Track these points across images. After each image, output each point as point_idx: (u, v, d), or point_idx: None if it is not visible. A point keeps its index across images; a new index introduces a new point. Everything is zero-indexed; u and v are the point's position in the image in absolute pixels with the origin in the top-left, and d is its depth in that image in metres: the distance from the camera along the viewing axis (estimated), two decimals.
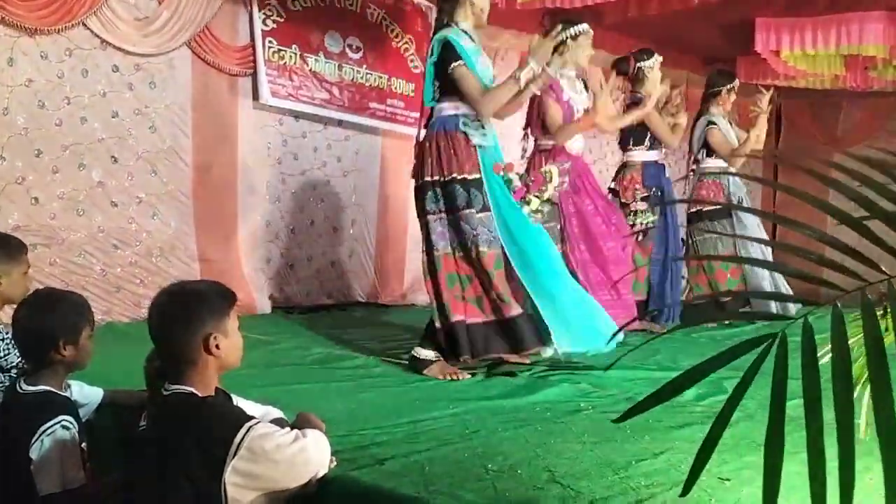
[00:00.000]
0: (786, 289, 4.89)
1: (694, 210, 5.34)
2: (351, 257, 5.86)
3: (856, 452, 0.57)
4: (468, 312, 3.16)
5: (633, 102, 4.73)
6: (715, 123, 5.18)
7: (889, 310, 0.63)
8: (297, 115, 5.43)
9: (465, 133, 3.19)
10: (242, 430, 1.59)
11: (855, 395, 0.73)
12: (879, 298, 0.62)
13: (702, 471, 0.67)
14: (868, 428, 0.57)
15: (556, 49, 3.44)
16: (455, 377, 3.07)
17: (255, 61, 5.05)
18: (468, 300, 3.18)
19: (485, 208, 3.15)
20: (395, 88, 5.89)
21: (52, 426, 1.90)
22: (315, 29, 5.37)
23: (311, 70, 5.35)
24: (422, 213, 3.27)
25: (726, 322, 4.76)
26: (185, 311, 1.67)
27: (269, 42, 5.10)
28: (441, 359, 3.17)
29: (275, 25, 5.13)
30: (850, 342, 0.61)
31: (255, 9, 5.01)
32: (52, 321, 1.97)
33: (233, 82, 5.05)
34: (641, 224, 4.72)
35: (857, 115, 9.04)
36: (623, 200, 4.81)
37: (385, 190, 6.02)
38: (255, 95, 5.12)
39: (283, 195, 5.43)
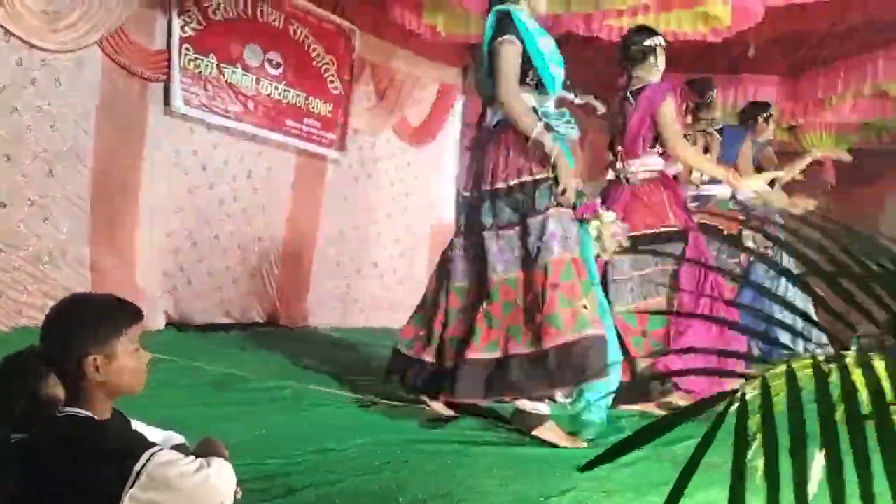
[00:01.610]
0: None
1: None
2: (254, 276, 5.70)
3: None
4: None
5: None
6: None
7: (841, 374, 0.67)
8: (210, 126, 5.27)
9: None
10: (143, 458, 1.50)
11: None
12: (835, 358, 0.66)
13: None
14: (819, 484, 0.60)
15: None
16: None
17: (169, 67, 4.88)
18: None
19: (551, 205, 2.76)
20: (313, 108, 5.83)
21: None
22: (235, 40, 5.26)
23: (227, 81, 5.22)
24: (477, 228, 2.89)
25: None
26: (65, 328, 1.56)
27: (186, 49, 4.95)
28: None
29: (193, 33, 4.98)
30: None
31: (175, 14, 4.85)
32: None
33: (144, 87, 4.85)
34: None
35: None
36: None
37: (295, 209, 5.91)
38: (167, 102, 4.94)
39: (187, 207, 5.24)
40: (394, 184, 6.67)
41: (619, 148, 3.64)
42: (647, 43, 3.54)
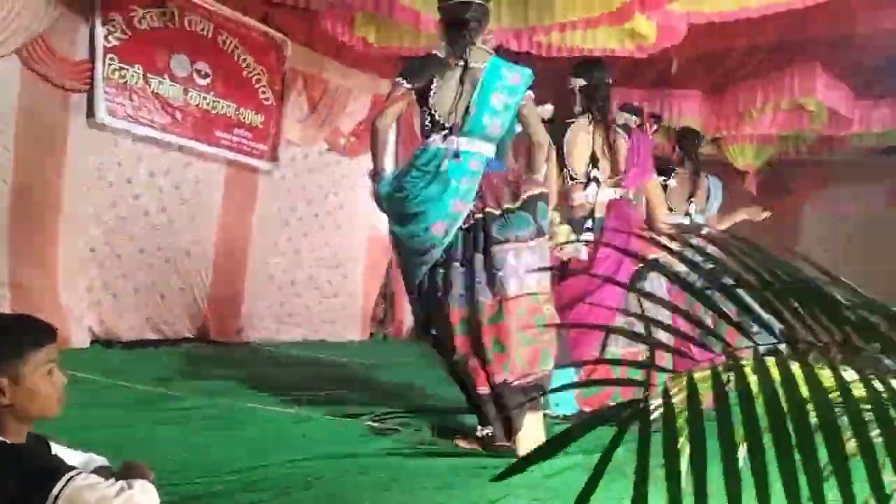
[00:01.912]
0: None
1: None
2: (183, 290, 5.57)
3: None
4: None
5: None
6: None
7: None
8: (135, 138, 5.14)
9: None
10: (61, 482, 1.45)
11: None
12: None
13: None
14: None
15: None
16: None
17: (92, 78, 4.74)
18: None
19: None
20: (244, 119, 5.74)
21: None
22: (162, 50, 5.14)
23: (154, 92, 5.10)
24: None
25: None
26: None
27: (111, 59, 4.82)
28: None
29: (118, 42, 4.85)
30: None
31: (98, 23, 4.72)
32: None
33: (66, 98, 4.70)
34: None
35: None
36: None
37: (225, 222, 5.81)
38: (91, 114, 4.79)
39: (112, 220, 5.08)
40: (328, 195, 6.63)
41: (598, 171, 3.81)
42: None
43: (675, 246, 0.98)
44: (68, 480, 1.46)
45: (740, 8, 4.37)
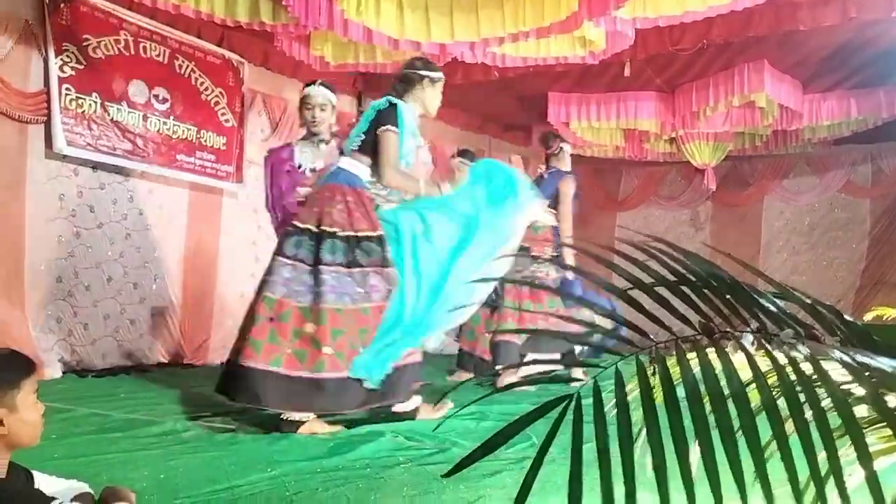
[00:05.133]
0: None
1: None
2: (154, 315, 5.56)
3: (643, 486, 0.70)
4: None
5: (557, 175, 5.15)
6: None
7: (656, 369, 0.78)
8: (95, 166, 5.14)
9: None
10: None
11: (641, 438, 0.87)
12: (654, 358, 0.77)
13: None
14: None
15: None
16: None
17: (49, 108, 4.74)
18: None
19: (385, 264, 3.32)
20: (206, 141, 5.77)
21: None
22: (118, 77, 5.16)
23: (112, 119, 5.11)
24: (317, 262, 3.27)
25: None
26: None
27: (67, 89, 4.82)
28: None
29: (73, 72, 4.86)
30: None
31: (52, 54, 4.72)
32: None
33: (23, 129, 4.69)
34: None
35: (635, 182, 10.15)
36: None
37: (192, 244, 5.82)
38: (49, 144, 4.79)
39: (77, 249, 5.07)
40: None
41: None
42: None
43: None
44: None
45: (685, 11, 4.52)
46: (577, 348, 4.74)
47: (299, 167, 4.10)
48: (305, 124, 4.15)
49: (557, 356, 4.96)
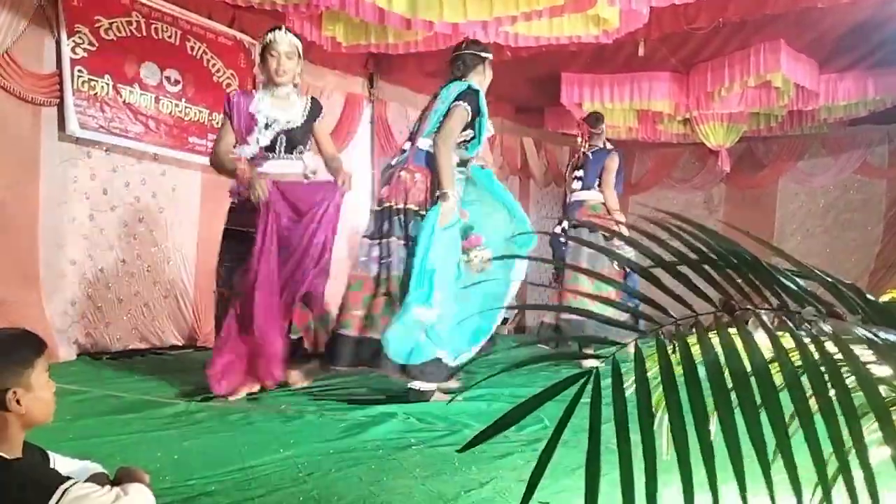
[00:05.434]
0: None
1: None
2: (167, 298, 5.58)
3: (658, 470, 0.69)
4: None
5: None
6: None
7: (677, 346, 0.76)
8: (109, 148, 5.14)
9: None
10: (57, 494, 1.50)
11: (658, 419, 0.86)
12: (673, 337, 0.76)
13: (531, 497, 0.76)
14: (669, 448, 0.69)
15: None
16: None
17: (62, 91, 4.74)
18: None
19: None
20: (217, 123, 5.74)
21: None
22: (131, 59, 5.14)
23: (125, 101, 5.10)
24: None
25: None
26: None
27: (79, 71, 4.81)
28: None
29: (85, 54, 4.85)
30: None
31: (64, 36, 4.71)
32: None
33: (36, 112, 4.69)
34: None
35: (648, 164, 10.06)
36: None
37: (204, 227, 5.81)
38: (62, 126, 4.79)
39: (90, 232, 5.09)
40: None
41: None
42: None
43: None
44: (64, 492, 1.50)
45: None
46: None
47: (253, 117, 3.75)
48: (267, 73, 3.76)
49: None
